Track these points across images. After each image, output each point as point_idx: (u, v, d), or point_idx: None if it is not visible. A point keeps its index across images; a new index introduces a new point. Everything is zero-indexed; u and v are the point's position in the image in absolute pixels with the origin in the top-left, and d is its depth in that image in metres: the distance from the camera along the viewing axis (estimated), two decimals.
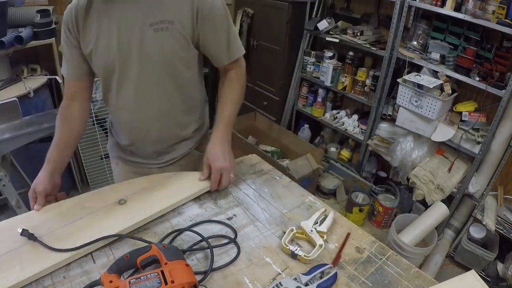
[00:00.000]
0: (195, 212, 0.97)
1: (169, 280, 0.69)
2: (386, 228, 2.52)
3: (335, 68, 2.71)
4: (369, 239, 0.91)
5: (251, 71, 3.41)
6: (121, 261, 0.73)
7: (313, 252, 0.83)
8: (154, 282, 0.69)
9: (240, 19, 3.18)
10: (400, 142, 2.33)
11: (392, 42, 2.27)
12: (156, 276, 0.70)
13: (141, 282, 0.68)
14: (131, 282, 0.68)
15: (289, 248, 0.84)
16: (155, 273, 0.71)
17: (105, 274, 0.70)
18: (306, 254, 0.82)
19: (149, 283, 0.68)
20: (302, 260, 0.83)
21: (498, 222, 2.08)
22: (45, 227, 0.87)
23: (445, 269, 2.24)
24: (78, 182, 2.63)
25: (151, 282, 0.69)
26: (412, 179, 2.24)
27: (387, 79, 2.38)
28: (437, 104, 2.03)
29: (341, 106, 3.07)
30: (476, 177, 2.12)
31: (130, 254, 0.75)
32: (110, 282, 0.68)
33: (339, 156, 2.98)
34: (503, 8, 1.75)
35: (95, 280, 0.71)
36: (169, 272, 0.70)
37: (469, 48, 2.01)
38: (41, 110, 2.11)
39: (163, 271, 0.71)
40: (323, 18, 2.67)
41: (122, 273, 0.72)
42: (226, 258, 0.82)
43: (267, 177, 1.14)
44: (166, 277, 0.70)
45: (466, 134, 2.04)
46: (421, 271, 0.82)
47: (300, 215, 0.98)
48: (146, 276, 0.69)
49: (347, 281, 0.78)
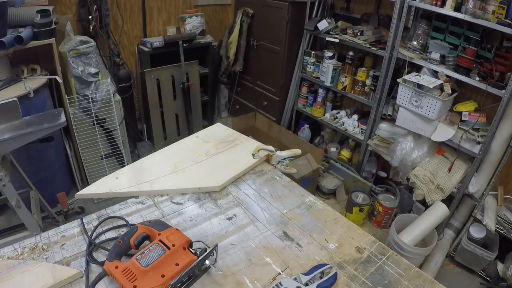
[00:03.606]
0: (195, 212, 0.97)
1: (170, 245, 0.75)
2: (386, 228, 2.52)
3: (335, 68, 2.71)
4: (369, 239, 0.91)
5: (251, 71, 3.42)
6: (116, 247, 0.77)
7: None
8: (158, 250, 0.74)
9: (240, 19, 3.18)
10: (400, 142, 2.33)
11: (392, 42, 2.27)
12: (158, 245, 0.75)
13: (147, 255, 0.73)
14: (137, 259, 0.72)
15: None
16: (155, 243, 0.75)
17: (107, 263, 0.73)
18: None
19: (155, 253, 0.73)
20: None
21: (498, 222, 2.08)
22: None
23: (445, 269, 2.24)
24: (78, 182, 2.63)
25: (156, 251, 0.73)
26: (412, 179, 2.24)
27: (387, 79, 2.38)
28: (437, 104, 2.03)
29: (341, 106, 3.07)
30: (476, 177, 2.12)
31: (121, 239, 0.78)
32: (117, 268, 0.71)
33: (339, 156, 2.98)
34: (503, 8, 1.75)
35: (99, 273, 0.73)
36: (166, 238, 0.76)
37: (469, 48, 2.01)
38: (41, 110, 2.11)
39: (161, 240, 0.75)
40: (323, 18, 2.68)
41: (121, 257, 0.76)
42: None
43: (267, 177, 1.14)
44: (166, 243, 0.75)
45: (466, 134, 2.04)
46: (421, 271, 0.82)
47: (300, 215, 0.98)
48: (148, 249, 0.74)
49: (347, 281, 0.78)
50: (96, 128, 2.49)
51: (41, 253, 0.81)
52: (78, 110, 2.40)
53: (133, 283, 0.69)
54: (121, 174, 1.09)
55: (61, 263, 0.79)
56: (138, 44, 3.05)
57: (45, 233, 0.87)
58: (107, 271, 0.72)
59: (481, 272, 2.16)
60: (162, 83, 2.96)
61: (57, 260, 0.80)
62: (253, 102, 3.49)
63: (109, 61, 2.80)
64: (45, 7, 2.16)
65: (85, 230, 0.87)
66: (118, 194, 1.00)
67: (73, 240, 0.85)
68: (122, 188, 1.02)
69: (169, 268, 0.72)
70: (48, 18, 2.12)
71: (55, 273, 0.75)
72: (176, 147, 1.26)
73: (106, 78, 2.46)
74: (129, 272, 0.70)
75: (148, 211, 0.96)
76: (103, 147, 2.56)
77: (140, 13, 3.00)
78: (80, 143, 2.49)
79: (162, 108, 3.05)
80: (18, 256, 0.80)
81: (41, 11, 2.08)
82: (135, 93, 3.13)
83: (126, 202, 0.99)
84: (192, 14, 3.16)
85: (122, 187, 1.02)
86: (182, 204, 1.00)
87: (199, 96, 3.26)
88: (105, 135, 2.58)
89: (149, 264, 0.71)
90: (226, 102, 3.88)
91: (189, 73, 3.07)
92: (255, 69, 3.36)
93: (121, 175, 1.08)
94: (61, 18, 2.45)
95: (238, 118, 3.22)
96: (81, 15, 2.62)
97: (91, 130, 2.48)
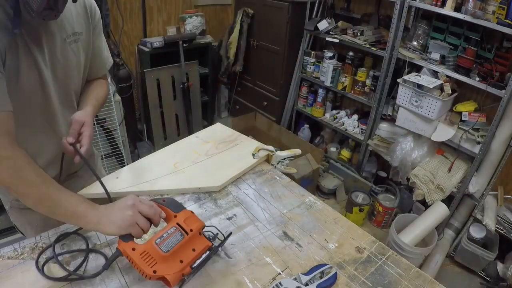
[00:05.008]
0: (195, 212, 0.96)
1: (188, 230, 0.74)
2: (386, 228, 2.52)
3: (335, 68, 2.71)
4: (369, 239, 0.91)
5: (251, 71, 3.42)
6: None
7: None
8: (177, 235, 0.73)
9: (240, 19, 3.18)
10: (400, 142, 2.33)
11: (392, 42, 2.27)
12: (176, 230, 0.74)
13: (166, 239, 0.71)
14: (157, 243, 0.70)
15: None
16: (173, 227, 0.74)
17: (122, 244, 0.70)
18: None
19: (174, 238, 0.72)
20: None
21: (498, 222, 2.08)
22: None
23: (445, 269, 2.24)
24: None
25: (175, 236, 0.72)
26: (412, 179, 2.24)
27: (387, 79, 2.38)
28: (437, 104, 2.03)
29: (341, 106, 3.07)
30: (476, 177, 2.12)
31: None
32: (133, 250, 0.69)
33: (339, 156, 2.98)
34: (503, 8, 1.75)
35: (114, 253, 0.71)
36: (184, 222, 0.75)
37: (469, 48, 2.01)
38: None
39: (179, 223, 0.75)
40: (323, 18, 2.68)
41: (133, 237, 0.73)
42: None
43: (267, 177, 1.14)
44: (184, 228, 0.74)
45: (466, 134, 2.04)
46: (421, 271, 0.82)
47: (300, 215, 0.98)
48: (167, 233, 0.72)
49: (347, 281, 0.78)
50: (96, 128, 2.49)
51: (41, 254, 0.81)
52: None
53: (152, 268, 0.67)
54: (121, 174, 1.09)
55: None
56: (138, 44, 3.05)
57: (45, 233, 0.87)
58: (123, 252, 0.70)
59: (481, 272, 2.17)
60: (162, 83, 2.96)
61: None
62: (253, 102, 3.49)
63: None
64: None
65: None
66: (118, 194, 1.00)
67: (74, 240, 0.85)
68: (122, 188, 1.02)
69: (186, 253, 0.72)
70: None
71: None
72: (176, 147, 1.26)
73: None
74: (148, 256, 0.68)
75: None
76: (103, 147, 2.55)
77: (140, 13, 3.00)
78: None
79: (162, 108, 3.05)
80: (18, 256, 0.80)
81: None
82: (135, 93, 3.13)
83: None
84: (192, 14, 3.16)
85: (122, 187, 1.02)
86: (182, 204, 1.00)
87: (199, 96, 3.26)
88: (105, 135, 2.58)
89: (169, 249, 0.70)
90: (226, 102, 3.88)
91: (189, 73, 3.07)
92: (255, 69, 3.36)
93: (121, 175, 1.09)
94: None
95: (238, 118, 3.22)
96: None
97: None
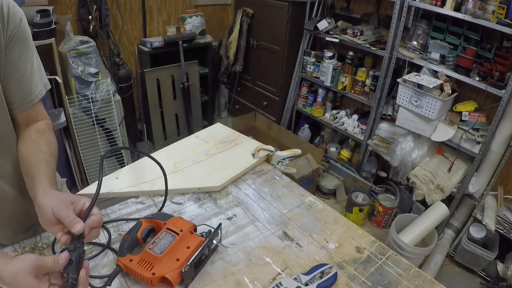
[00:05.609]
0: (195, 212, 0.97)
1: (178, 230, 0.78)
2: (386, 228, 2.52)
3: (335, 68, 2.71)
4: (369, 239, 0.91)
5: (251, 71, 3.42)
6: (124, 242, 0.78)
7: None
8: (168, 237, 0.77)
9: (240, 19, 3.18)
10: (400, 142, 2.33)
11: (392, 42, 2.27)
12: (167, 233, 0.78)
13: (159, 243, 0.75)
14: (150, 248, 0.74)
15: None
16: (163, 232, 0.78)
17: (120, 259, 0.74)
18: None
19: (166, 240, 0.76)
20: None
21: (498, 222, 2.08)
22: None
23: (445, 269, 2.24)
24: (78, 182, 2.63)
25: (166, 238, 0.76)
26: (412, 179, 2.24)
27: (387, 79, 2.38)
28: (437, 104, 2.03)
29: (341, 106, 3.07)
30: (476, 177, 2.12)
31: (128, 234, 0.80)
32: (131, 261, 0.73)
33: (339, 156, 2.98)
34: (503, 8, 1.75)
35: (114, 269, 0.74)
36: (173, 226, 0.79)
37: (469, 48, 2.01)
38: None
39: (168, 228, 0.79)
40: (323, 18, 2.68)
41: (131, 251, 0.77)
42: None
43: (267, 177, 1.14)
44: (174, 230, 0.78)
45: (466, 134, 2.04)
46: (421, 271, 0.82)
47: (300, 215, 0.98)
48: (159, 238, 0.76)
49: (347, 281, 0.78)
50: (96, 128, 2.49)
51: (41, 253, 0.81)
52: (78, 110, 2.40)
53: (150, 271, 0.71)
54: (121, 174, 1.09)
55: None
56: (138, 44, 3.06)
57: (45, 233, 0.86)
58: (122, 266, 0.73)
59: (481, 272, 2.17)
60: (162, 83, 2.96)
61: None
62: (253, 102, 3.49)
63: (109, 61, 2.80)
64: (45, 7, 2.16)
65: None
66: (118, 194, 1.00)
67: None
68: (122, 188, 1.02)
69: (181, 251, 0.75)
70: (48, 18, 2.11)
71: None
72: (176, 147, 1.26)
73: (106, 78, 2.46)
74: (145, 262, 0.72)
75: (148, 211, 0.96)
76: (103, 147, 2.56)
77: (140, 13, 3.00)
78: (80, 143, 2.49)
79: (162, 108, 3.05)
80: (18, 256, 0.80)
81: (41, 11, 2.08)
82: (135, 93, 3.13)
83: (126, 202, 0.99)
84: (192, 14, 3.16)
85: (122, 187, 1.02)
86: (182, 204, 1.00)
87: (199, 96, 3.26)
88: (105, 135, 2.58)
89: (163, 250, 0.73)
90: (226, 102, 3.88)
91: (189, 73, 3.07)
92: (255, 69, 3.36)
93: (121, 175, 1.08)
94: (61, 18, 2.45)
95: (238, 118, 3.22)
96: (81, 15, 2.62)
97: (91, 130, 2.48)
